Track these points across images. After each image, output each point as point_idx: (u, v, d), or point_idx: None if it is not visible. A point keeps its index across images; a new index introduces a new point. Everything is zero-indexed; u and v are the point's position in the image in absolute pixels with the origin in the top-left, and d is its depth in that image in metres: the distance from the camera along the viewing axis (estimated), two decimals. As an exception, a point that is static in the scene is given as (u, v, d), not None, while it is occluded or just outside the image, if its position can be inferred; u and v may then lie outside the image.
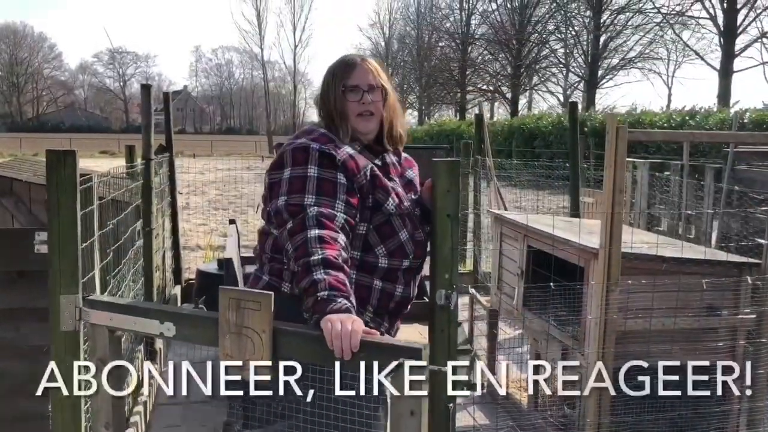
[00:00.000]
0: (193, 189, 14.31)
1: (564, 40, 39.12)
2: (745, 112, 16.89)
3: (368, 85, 2.10)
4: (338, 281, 1.79)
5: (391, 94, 2.16)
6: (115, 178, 4.28)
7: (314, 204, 1.91)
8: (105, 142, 44.70)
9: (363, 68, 2.12)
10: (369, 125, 2.11)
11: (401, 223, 2.08)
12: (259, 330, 1.78)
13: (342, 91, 2.09)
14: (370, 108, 2.10)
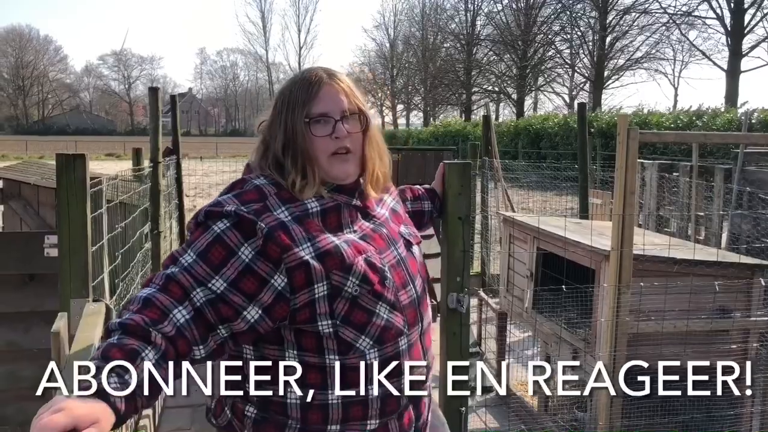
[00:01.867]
0: (199, 191, 14.34)
1: (570, 41, 39.07)
2: (753, 112, 16.82)
3: (341, 111, 1.48)
4: (118, 349, 1.19)
5: (372, 121, 1.55)
6: (123, 180, 4.28)
7: (180, 269, 1.34)
8: (110, 145, 44.83)
9: (332, 88, 1.49)
10: (347, 167, 1.50)
11: (375, 297, 1.44)
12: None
13: (306, 123, 1.46)
14: (347, 143, 1.48)
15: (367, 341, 1.44)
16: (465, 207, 2.43)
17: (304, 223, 1.42)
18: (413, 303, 1.52)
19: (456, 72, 47.34)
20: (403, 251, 1.55)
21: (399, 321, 1.47)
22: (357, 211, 1.53)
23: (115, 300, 3.13)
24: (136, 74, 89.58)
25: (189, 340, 1.29)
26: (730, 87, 29.33)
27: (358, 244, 1.46)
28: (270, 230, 1.37)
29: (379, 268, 1.46)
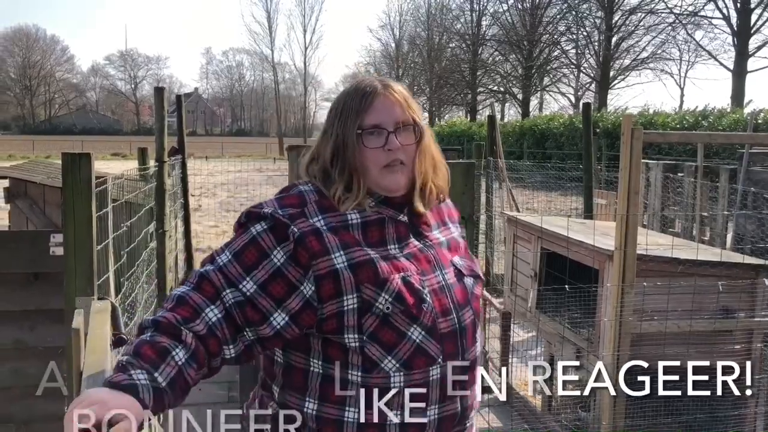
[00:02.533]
0: (204, 191, 14.38)
1: (575, 41, 39.00)
2: (759, 112, 16.76)
3: (395, 123, 1.43)
4: (149, 346, 1.23)
5: (427, 132, 1.50)
6: (128, 180, 4.30)
7: (215, 268, 1.36)
8: (116, 145, 44.98)
9: (387, 99, 1.45)
10: (399, 179, 1.44)
11: (409, 318, 1.38)
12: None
13: (358, 135, 1.43)
14: (400, 156, 1.43)
15: (394, 363, 1.38)
16: (469, 207, 2.44)
17: (340, 234, 1.39)
18: (454, 334, 1.42)
19: (461, 72, 47.30)
20: (451, 278, 1.46)
21: (433, 349, 1.39)
22: (405, 228, 1.47)
23: (120, 298, 3.15)
24: (143, 74, 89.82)
25: (220, 339, 1.31)
26: (736, 87, 29.22)
27: (399, 262, 1.41)
28: (301, 235, 1.36)
29: (417, 289, 1.39)
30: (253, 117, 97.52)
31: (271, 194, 1.52)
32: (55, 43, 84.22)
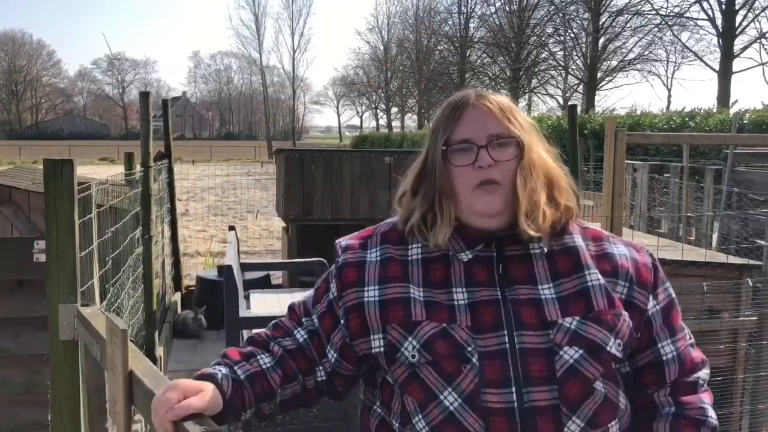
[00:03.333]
0: (192, 195, 14.32)
1: (563, 43, 39.18)
2: (745, 113, 16.89)
3: (488, 137, 1.21)
4: (237, 351, 1.28)
5: (534, 146, 1.25)
6: (114, 185, 4.27)
7: (305, 298, 1.38)
8: (104, 149, 44.76)
9: (478, 110, 1.24)
10: (492, 201, 1.21)
11: (441, 377, 1.16)
12: (116, 371, 1.43)
13: (443, 152, 1.23)
14: (493, 175, 1.20)
15: (424, 425, 1.17)
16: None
17: (389, 267, 1.25)
18: (509, 413, 1.12)
19: (450, 74, 47.41)
20: (528, 343, 1.14)
21: (472, 425, 1.13)
22: (486, 270, 1.21)
23: (106, 305, 3.13)
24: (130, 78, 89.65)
25: (309, 358, 1.29)
26: (722, 88, 29.44)
27: (447, 310, 1.18)
28: (342, 265, 1.29)
29: (459, 345, 1.15)
30: (241, 120, 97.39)
31: (259, 197, 1.42)
32: (42, 48, 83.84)
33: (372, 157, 6.86)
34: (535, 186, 1.21)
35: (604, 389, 1.16)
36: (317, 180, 6.61)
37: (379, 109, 66.56)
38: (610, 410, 1.17)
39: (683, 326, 1.29)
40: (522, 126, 1.24)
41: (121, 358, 1.37)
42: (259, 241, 10.74)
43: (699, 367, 1.28)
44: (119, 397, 1.40)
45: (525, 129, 1.24)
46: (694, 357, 1.27)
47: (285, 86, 75.65)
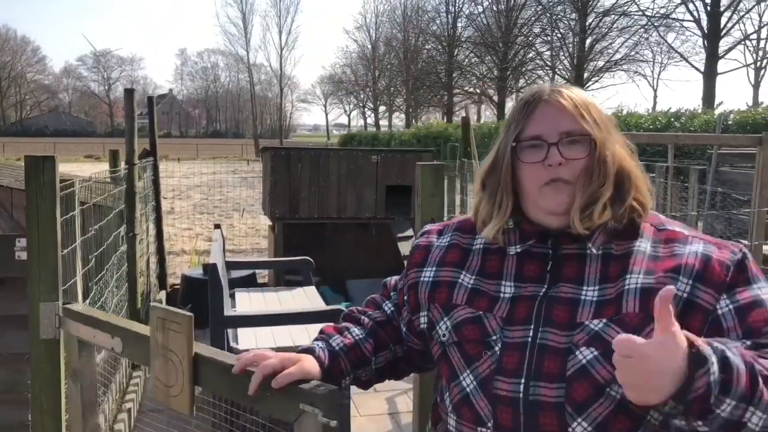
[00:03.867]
0: (178, 193, 14.24)
1: (550, 43, 39.34)
2: (729, 113, 17.03)
3: (559, 134, 1.19)
4: (332, 326, 1.42)
5: (608, 143, 1.21)
6: (98, 182, 4.24)
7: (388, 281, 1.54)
8: (90, 147, 44.45)
9: (551, 106, 1.22)
10: (560, 200, 1.19)
11: (464, 358, 1.22)
12: (180, 355, 1.55)
13: (513, 149, 1.23)
14: (562, 173, 1.19)
15: (448, 402, 1.24)
16: (438, 208, 2.44)
17: (451, 252, 1.33)
18: (514, 404, 1.14)
19: (437, 74, 47.48)
20: (550, 341, 1.15)
21: (482, 408, 1.18)
22: (538, 266, 1.22)
23: (89, 304, 3.10)
24: (116, 75, 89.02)
25: (396, 328, 1.41)
26: (707, 89, 29.68)
27: (489, 300, 1.23)
28: (413, 248, 1.41)
29: (487, 332, 1.20)
30: (228, 118, 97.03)
31: (246, 196, 1.49)
32: (26, 44, 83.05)
33: (359, 156, 6.85)
34: (600, 183, 1.18)
35: (619, 396, 1.10)
36: (304, 178, 6.59)
37: (366, 107, 66.57)
38: (627, 421, 1.11)
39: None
40: (596, 122, 1.21)
41: (187, 342, 1.51)
42: (246, 240, 10.70)
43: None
44: (183, 380, 1.53)
45: (600, 125, 1.21)
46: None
47: (272, 84, 75.52)
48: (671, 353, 0.95)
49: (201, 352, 1.52)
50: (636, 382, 0.97)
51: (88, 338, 2.01)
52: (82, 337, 2.05)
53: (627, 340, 0.96)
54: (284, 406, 1.25)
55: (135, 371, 4.47)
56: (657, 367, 0.95)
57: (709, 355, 0.97)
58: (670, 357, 0.95)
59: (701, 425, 0.99)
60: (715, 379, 0.96)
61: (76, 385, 2.08)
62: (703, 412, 0.98)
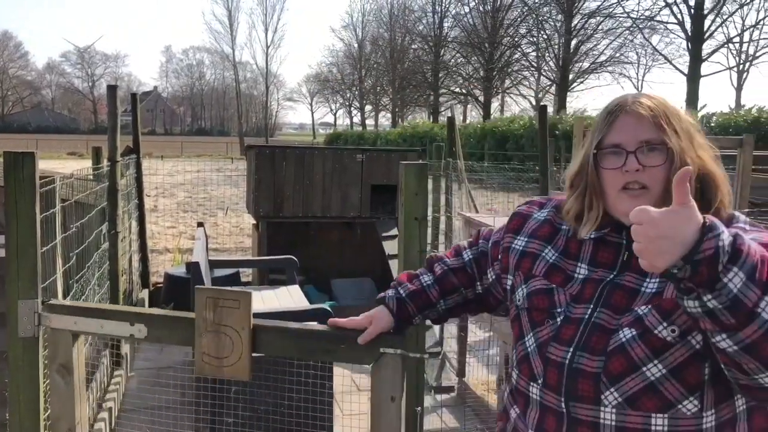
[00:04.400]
0: (162, 191, 14.15)
1: (536, 44, 39.53)
2: (712, 116, 17.20)
3: (638, 143, 1.28)
4: (405, 274, 1.69)
5: (688, 150, 1.29)
6: (79, 180, 4.20)
7: (482, 230, 1.71)
8: (73, 144, 44.04)
9: (631, 116, 1.31)
10: (636, 205, 1.15)
11: (531, 322, 1.39)
12: (239, 327, 1.80)
13: (594, 155, 1.34)
14: (641, 179, 1.28)
15: (515, 357, 1.43)
16: (422, 207, 2.44)
17: (543, 228, 1.47)
18: (560, 368, 1.30)
19: (424, 73, 47.55)
20: (602, 320, 1.28)
21: (537, 366, 1.35)
22: (612, 254, 1.34)
23: (69, 301, 3.07)
24: (100, 72, 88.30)
25: (469, 275, 1.64)
26: (690, 91, 29.95)
27: (563, 276, 1.37)
28: (514, 214, 1.57)
29: (554, 303, 1.35)
30: (213, 116, 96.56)
31: (230, 194, 1.66)
32: (8, 39, 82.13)
33: (344, 155, 6.84)
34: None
35: (653, 377, 1.21)
36: (288, 177, 6.56)
37: (353, 107, 66.53)
38: (656, 400, 1.21)
39: None
40: (676, 131, 1.28)
41: (247, 315, 1.78)
42: (230, 238, 10.66)
43: None
44: (241, 349, 1.80)
45: (679, 134, 1.29)
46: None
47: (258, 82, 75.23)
48: (682, 221, 1.02)
49: (259, 323, 1.81)
50: (645, 247, 1.04)
51: (93, 329, 2.04)
52: (79, 330, 2.06)
53: (640, 209, 1.05)
54: (363, 353, 1.71)
55: (116, 370, 4.44)
56: (666, 232, 1.02)
57: (720, 225, 1.02)
58: (680, 224, 1.02)
59: (710, 298, 1.02)
60: (723, 245, 1.00)
61: (66, 380, 2.07)
62: (710, 279, 1.01)
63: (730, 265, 1.00)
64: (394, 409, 1.84)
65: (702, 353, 1.19)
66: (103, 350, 4.23)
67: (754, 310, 1.01)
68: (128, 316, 1.99)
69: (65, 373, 2.08)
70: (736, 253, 1.01)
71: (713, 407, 1.21)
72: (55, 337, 2.10)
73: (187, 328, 1.88)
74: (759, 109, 16.23)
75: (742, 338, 1.04)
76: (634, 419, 1.22)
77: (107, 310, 2.08)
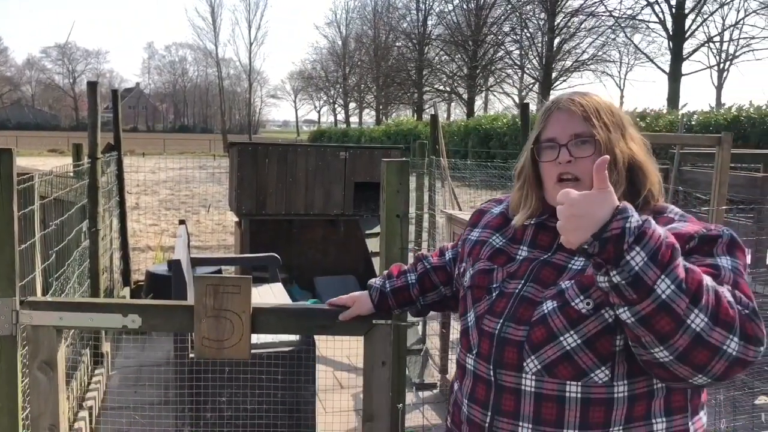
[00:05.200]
0: (144, 189, 14.04)
1: (519, 42, 39.64)
2: (693, 114, 17.36)
3: (570, 136, 1.41)
4: (397, 266, 1.89)
5: (618, 141, 1.42)
6: (59, 177, 4.16)
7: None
8: (54, 140, 43.56)
9: (564, 112, 1.44)
10: None
11: (473, 300, 1.51)
12: (239, 311, 1.96)
13: (533, 149, 1.48)
14: (572, 170, 1.41)
15: (459, 333, 1.59)
16: (403, 204, 2.44)
17: (496, 219, 1.62)
18: (490, 337, 1.41)
19: (408, 71, 47.54)
20: (530, 294, 1.40)
21: (473, 337, 1.47)
22: (550, 237, 1.45)
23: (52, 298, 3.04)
24: (81, 68, 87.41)
25: (448, 273, 1.79)
26: (671, 89, 30.20)
27: (504, 257, 1.50)
28: (475, 211, 1.72)
29: (491, 281, 1.48)
30: (196, 113, 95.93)
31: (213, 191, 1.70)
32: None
33: (327, 152, 6.83)
34: (613, 180, 1.32)
35: (569, 346, 1.31)
36: (271, 174, 6.54)
37: (337, 104, 66.40)
38: (571, 368, 1.31)
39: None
40: (606, 124, 1.41)
41: (247, 300, 1.96)
42: (212, 236, 10.60)
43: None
44: (242, 331, 1.97)
45: (610, 128, 1.41)
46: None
47: (241, 79, 74.91)
48: (598, 203, 1.15)
49: (259, 305, 2.00)
50: (564, 224, 1.18)
51: (82, 323, 2.09)
52: (65, 325, 2.08)
53: (564, 191, 1.19)
54: (357, 327, 1.97)
55: (97, 368, 4.41)
56: (582, 212, 1.15)
57: (630, 208, 1.15)
58: (596, 206, 1.14)
59: (615, 274, 1.13)
60: (630, 226, 1.12)
61: (49, 376, 2.07)
62: (616, 257, 1.12)
63: (634, 245, 1.11)
64: (385, 372, 2.11)
65: (613, 326, 1.28)
66: (83, 349, 4.20)
67: (652, 287, 1.11)
68: (121, 308, 2.05)
69: (48, 370, 2.07)
70: (642, 235, 1.11)
71: (625, 379, 1.30)
72: (37, 334, 2.09)
73: (184, 316, 2.01)
74: (739, 108, 16.40)
75: (639, 310, 1.13)
76: (551, 386, 1.32)
77: (98, 303, 2.13)
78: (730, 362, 1.15)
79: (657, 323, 1.13)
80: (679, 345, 1.14)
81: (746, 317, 1.16)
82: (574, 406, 1.31)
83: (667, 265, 1.11)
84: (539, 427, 1.33)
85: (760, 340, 1.16)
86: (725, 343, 1.13)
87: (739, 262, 1.28)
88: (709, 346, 1.13)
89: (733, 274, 1.25)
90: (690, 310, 1.11)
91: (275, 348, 3.32)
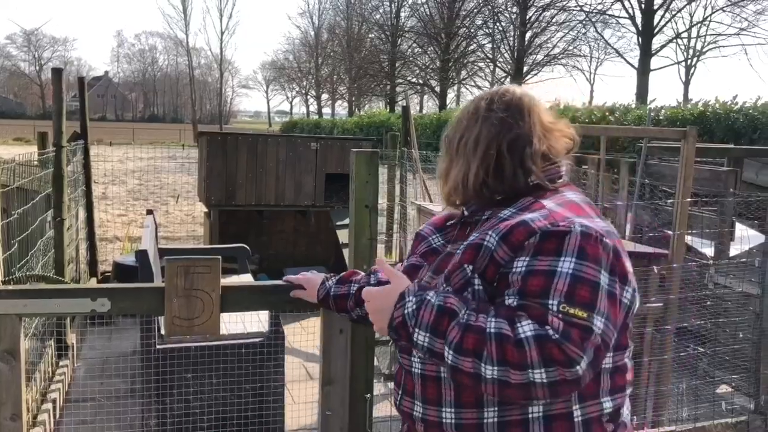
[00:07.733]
0: (112, 178, 13.82)
1: (491, 35, 39.78)
2: (660, 109, 17.59)
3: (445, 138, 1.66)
4: (351, 272, 1.99)
5: (466, 133, 1.56)
6: (22, 165, 4.08)
7: None
8: (19, 129, 42.71)
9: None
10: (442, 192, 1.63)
11: None
12: (209, 290, 2.08)
13: None
14: (437, 170, 1.67)
15: None
16: (372, 195, 2.44)
17: (441, 218, 1.71)
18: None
19: (380, 63, 47.44)
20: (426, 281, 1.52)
21: None
22: (463, 232, 1.56)
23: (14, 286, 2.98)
24: (48, 55, 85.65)
25: None
26: (640, 84, 30.58)
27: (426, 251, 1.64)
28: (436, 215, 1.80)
29: (418, 275, 1.58)
30: (166, 103, 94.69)
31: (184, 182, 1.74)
32: (-49, 20, 78.94)
33: (298, 143, 6.79)
34: (460, 170, 1.52)
35: None
36: (241, 164, 6.49)
37: (309, 95, 66.02)
38: None
39: (548, 295, 1.25)
40: (454, 123, 1.62)
41: (217, 279, 2.09)
42: (182, 227, 10.49)
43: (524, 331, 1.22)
44: (212, 309, 2.09)
45: (457, 125, 1.60)
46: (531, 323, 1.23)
47: (212, 69, 74.05)
48: (385, 296, 1.39)
49: (228, 283, 2.14)
50: (371, 319, 1.43)
51: (47, 310, 2.12)
52: (30, 312, 2.09)
53: (365, 290, 1.46)
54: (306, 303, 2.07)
55: (61, 360, 4.34)
56: (376, 306, 1.40)
57: (407, 294, 1.35)
58: (384, 299, 1.39)
59: (416, 351, 1.37)
60: (407, 311, 1.33)
61: (11, 365, 2.07)
62: (408, 339, 1.33)
63: (415, 328, 1.31)
64: (343, 339, 2.27)
65: None
66: (48, 339, 4.13)
67: (443, 355, 1.28)
68: (88, 292, 2.09)
69: (10, 359, 2.07)
70: (418, 318, 1.31)
71: None
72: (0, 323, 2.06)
73: (153, 297, 2.11)
74: (705, 104, 16.67)
75: (446, 370, 1.34)
76: (430, 367, 1.44)
77: (65, 289, 2.19)
78: (551, 387, 1.20)
79: (461, 380, 1.30)
80: (490, 392, 1.25)
81: (554, 342, 1.19)
82: (448, 386, 1.41)
83: (446, 333, 1.27)
84: (425, 405, 1.45)
85: (570, 361, 1.18)
86: (528, 377, 1.19)
87: (586, 264, 1.27)
88: (514, 386, 1.21)
89: (569, 281, 1.24)
90: (478, 365, 1.23)
91: (244, 339, 3.30)
